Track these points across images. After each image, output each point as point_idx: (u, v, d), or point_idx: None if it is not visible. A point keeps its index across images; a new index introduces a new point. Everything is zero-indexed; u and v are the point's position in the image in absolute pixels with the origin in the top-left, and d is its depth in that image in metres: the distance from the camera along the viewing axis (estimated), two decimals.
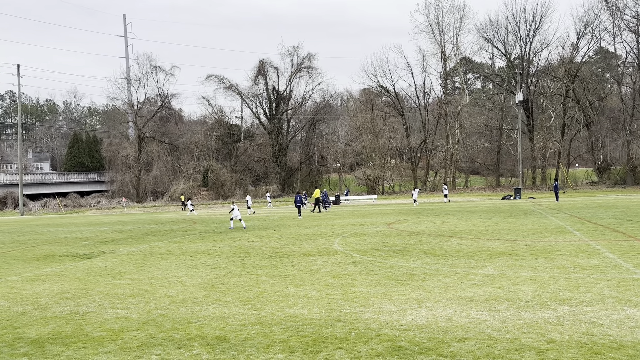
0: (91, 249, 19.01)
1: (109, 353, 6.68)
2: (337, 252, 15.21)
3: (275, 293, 9.85)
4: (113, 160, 75.98)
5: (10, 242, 23.16)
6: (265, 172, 75.16)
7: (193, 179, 71.56)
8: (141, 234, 24.42)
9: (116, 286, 11.27)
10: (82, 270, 13.85)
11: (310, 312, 8.27)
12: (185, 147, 75.79)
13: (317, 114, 75.45)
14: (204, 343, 6.95)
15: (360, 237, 18.83)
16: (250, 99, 76.11)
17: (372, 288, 9.91)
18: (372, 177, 67.72)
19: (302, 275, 11.63)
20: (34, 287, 11.54)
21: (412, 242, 16.87)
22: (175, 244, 19.53)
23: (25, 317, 8.77)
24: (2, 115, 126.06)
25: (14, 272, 14.09)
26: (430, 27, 68.33)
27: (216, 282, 11.27)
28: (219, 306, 8.99)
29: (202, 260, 14.63)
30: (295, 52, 73.64)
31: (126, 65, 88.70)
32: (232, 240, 19.86)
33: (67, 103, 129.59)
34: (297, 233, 21.50)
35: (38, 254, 18.20)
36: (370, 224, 24.36)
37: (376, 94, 74.30)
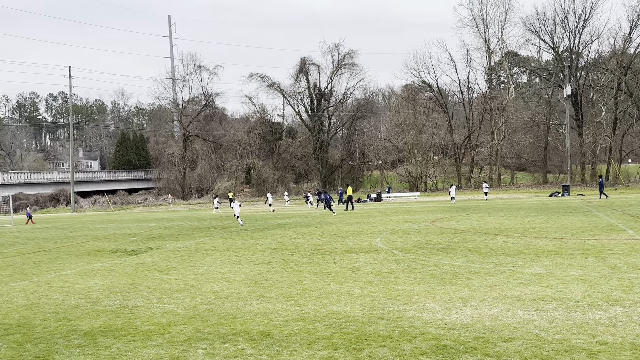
0: (139, 244, 19.55)
1: (157, 346, 6.86)
2: (379, 249, 15.15)
3: (317, 290, 9.89)
4: (159, 158, 77.88)
5: (63, 238, 24.06)
6: (306, 170, 75.48)
7: (236, 176, 72.56)
8: (187, 231, 24.95)
9: (163, 281, 11.56)
10: (130, 265, 14.27)
11: (353, 310, 8.27)
12: (229, 145, 76.90)
13: (358, 111, 75.20)
14: (248, 338, 7.05)
15: (403, 235, 18.68)
16: (292, 96, 76.56)
17: (415, 286, 9.83)
18: (414, 174, 67.03)
19: (345, 272, 11.63)
20: (86, 282, 11.96)
21: (456, 240, 16.62)
22: (219, 240, 19.86)
23: (78, 310, 9.10)
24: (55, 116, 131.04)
25: (67, 266, 14.64)
26: (474, 20, 67.03)
27: (259, 278, 11.40)
28: (262, 302, 9.10)
29: (246, 257, 14.83)
30: (337, 49, 73.62)
31: (171, 65, 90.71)
32: (275, 237, 20.05)
33: (115, 103, 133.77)
34: (338, 230, 21.52)
35: (89, 249, 18.85)
36: (413, 222, 24.14)
37: (419, 89, 73.44)
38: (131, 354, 6.61)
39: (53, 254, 17.95)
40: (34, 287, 11.57)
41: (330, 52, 74.07)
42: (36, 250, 19.43)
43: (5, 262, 16.29)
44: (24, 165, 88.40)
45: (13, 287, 11.62)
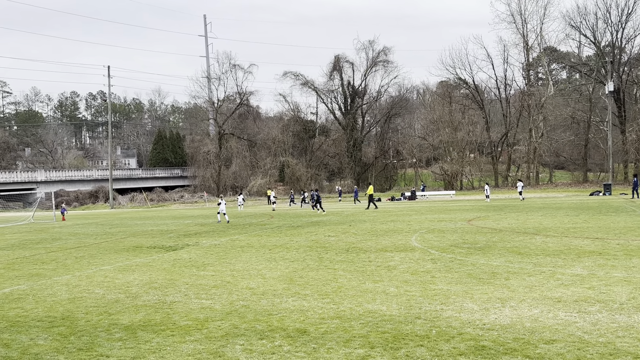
0: (176, 241, 19.88)
1: (195, 341, 6.96)
2: (414, 248, 15.01)
3: (353, 288, 9.86)
4: (195, 156, 79.04)
5: (102, 234, 24.67)
6: (339, 168, 75.42)
7: (270, 174, 73.05)
8: (222, 228, 25.25)
9: (200, 277, 11.72)
10: (168, 261, 14.52)
11: (389, 308, 8.22)
12: (263, 143, 77.48)
13: (392, 108, 74.70)
14: (285, 335, 7.08)
15: (439, 234, 18.47)
16: (326, 94, 76.61)
17: (452, 286, 9.70)
18: (449, 172, 66.21)
19: (380, 271, 11.57)
20: (125, 277, 12.22)
21: (494, 239, 16.34)
22: (254, 237, 20.03)
23: (119, 305, 9.31)
24: (94, 114, 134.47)
25: (106, 262, 15.00)
26: (512, 16, 65.72)
27: (295, 275, 11.44)
28: (298, 299, 9.13)
29: (281, 254, 14.91)
30: (371, 46, 73.29)
31: (207, 64, 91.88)
32: (309, 234, 20.10)
33: (152, 102, 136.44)
34: (373, 228, 21.42)
35: (127, 245, 19.27)
36: (449, 221, 23.84)
37: (454, 86, 72.46)
38: (170, 348, 6.72)
39: (93, 249, 18.43)
40: (76, 281, 11.89)
41: (365, 49, 73.82)
42: (77, 245, 19.98)
43: (49, 256, 16.81)
44: (64, 163, 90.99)
45: (57, 281, 11.97)
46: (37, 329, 7.87)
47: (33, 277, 12.78)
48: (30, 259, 16.25)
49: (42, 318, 8.54)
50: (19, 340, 7.33)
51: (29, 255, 17.27)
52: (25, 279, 12.55)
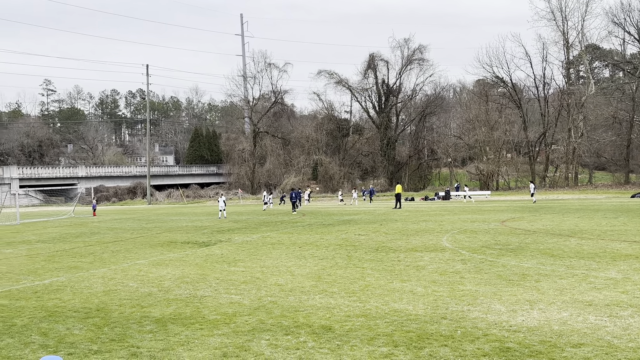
0: (209, 237, 20.25)
1: (222, 335, 7.13)
2: (445, 248, 14.91)
3: (380, 287, 9.89)
4: (230, 153, 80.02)
5: (139, 229, 25.30)
6: (373, 166, 75.13)
7: (303, 172, 73.34)
8: (254, 225, 25.56)
9: (231, 273, 11.94)
10: (200, 257, 14.82)
11: (415, 308, 8.22)
12: (297, 142, 77.84)
13: (427, 107, 73.97)
14: (310, 331, 7.18)
15: (471, 234, 18.27)
16: (360, 93, 76.40)
17: (481, 287, 9.62)
18: (485, 172, 65.17)
19: (408, 270, 11.55)
20: (159, 271, 12.55)
21: (527, 241, 16.08)
22: (285, 234, 20.22)
23: (151, 298, 9.58)
24: (133, 112, 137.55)
25: (142, 256, 15.41)
26: (552, 13, 64.12)
27: (323, 273, 11.54)
28: (325, 296, 9.22)
29: (310, 252, 15.03)
30: (406, 44, 72.70)
31: (243, 63, 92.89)
32: (339, 233, 20.16)
33: (189, 100, 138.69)
34: (404, 228, 21.34)
35: (162, 240, 19.73)
36: (482, 221, 23.53)
37: (491, 85, 71.20)
38: (198, 341, 6.90)
39: (129, 243, 18.94)
40: (111, 274, 12.28)
41: (400, 47, 73.22)
42: (114, 240, 20.56)
43: (87, 250, 17.36)
44: (104, 159, 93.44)
45: (93, 274, 12.38)
46: (73, 319, 8.19)
47: (71, 269, 13.25)
48: (70, 252, 16.82)
49: (78, 309, 8.87)
50: (56, 330, 7.64)
51: (69, 249, 17.88)
52: (64, 271, 13.02)
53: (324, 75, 76.40)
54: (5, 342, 7.16)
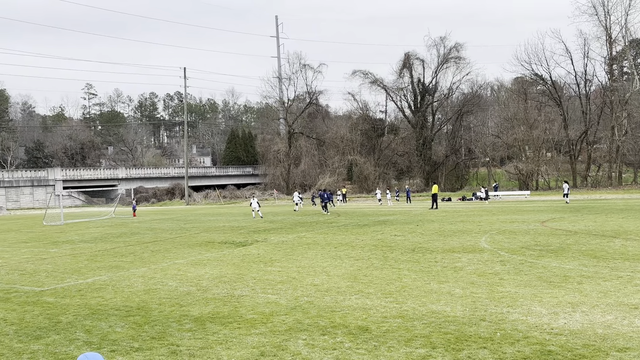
0: (246, 237, 20.46)
1: (260, 334, 7.19)
2: (483, 249, 14.67)
3: (417, 288, 9.80)
4: (266, 154, 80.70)
5: (177, 229, 25.76)
6: (408, 166, 74.52)
7: (338, 172, 73.32)
8: (290, 225, 25.70)
9: (267, 272, 12.03)
10: (237, 256, 14.99)
11: (453, 310, 8.12)
12: (331, 142, 77.88)
13: (464, 106, 72.90)
14: (346, 332, 7.17)
15: (510, 235, 17.92)
16: (395, 92, 75.90)
17: (520, 289, 9.43)
18: (524, 172, 63.81)
19: (446, 271, 11.41)
20: (197, 270, 12.75)
21: (568, 242, 15.66)
22: (320, 235, 20.26)
23: (190, 297, 9.74)
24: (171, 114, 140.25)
25: (180, 256, 15.68)
26: (594, 8, 62.24)
27: (359, 273, 11.51)
28: (361, 297, 9.19)
29: (346, 252, 15.01)
30: (442, 42, 71.86)
31: (278, 65, 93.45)
32: (375, 233, 20.07)
33: (225, 102, 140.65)
34: (441, 229, 21.09)
35: (200, 240, 20.04)
36: (522, 222, 23.05)
37: (530, 82, 69.66)
38: (236, 340, 6.98)
39: (168, 243, 19.30)
40: (151, 273, 12.54)
41: (436, 46, 72.42)
42: (154, 240, 20.99)
43: (128, 249, 17.78)
44: (144, 161, 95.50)
45: (134, 273, 12.67)
46: (115, 317, 8.40)
47: (113, 268, 13.59)
48: (111, 252, 17.26)
49: (120, 307, 9.09)
50: (99, 327, 7.86)
51: (110, 248, 18.35)
52: (105, 270, 13.37)
53: (358, 75, 76.26)
54: (52, 338, 7.40)
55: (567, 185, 40.04)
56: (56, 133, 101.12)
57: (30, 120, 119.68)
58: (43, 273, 13.17)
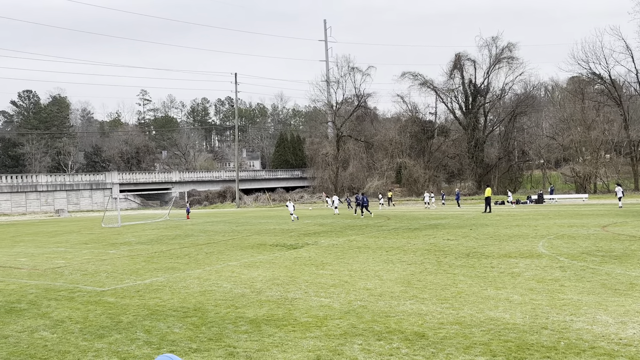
0: (296, 240, 20.56)
1: (315, 338, 7.18)
2: (541, 255, 14.19)
3: (473, 294, 9.57)
4: (314, 158, 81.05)
5: (229, 232, 26.18)
6: (460, 169, 73.16)
7: (387, 175, 72.80)
8: (340, 228, 25.66)
9: (319, 276, 12.04)
10: (289, 259, 15.08)
11: (512, 317, 7.87)
12: (380, 145, 77.41)
13: (517, 107, 70.97)
14: (402, 337, 7.07)
15: (569, 240, 17.28)
16: (445, 94, 74.74)
17: (583, 296, 9.05)
18: (581, 174, 61.50)
19: (503, 277, 11.10)
20: (250, 272, 12.89)
21: (633, 247, 14.95)
22: (371, 238, 20.12)
23: (244, 299, 9.85)
24: (222, 119, 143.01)
25: (233, 258, 15.91)
26: None
27: (412, 278, 11.35)
28: (416, 302, 9.05)
29: (398, 256, 14.84)
30: (494, 42, 70.25)
31: (326, 68, 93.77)
32: (427, 237, 19.78)
33: (274, 106, 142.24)
34: (495, 233, 20.57)
35: (252, 242, 20.28)
36: (581, 226, 22.19)
37: (587, 82, 67.12)
38: (292, 343, 6.99)
39: (221, 245, 19.63)
40: (206, 275, 12.77)
41: (487, 46, 70.85)
42: (207, 242, 21.40)
43: (182, 251, 18.20)
44: (196, 165, 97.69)
45: (189, 275, 12.94)
46: (173, 318, 8.58)
47: (169, 270, 13.93)
48: (167, 253, 17.70)
49: (177, 308, 9.29)
50: (158, 328, 8.05)
51: (165, 250, 18.82)
52: (162, 271, 13.71)
53: (407, 77, 75.53)
54: (114, 337, 7.63)
55: (621, 188, 37.51)
56: (113, 138, 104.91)
57: (89, 126, 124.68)
58: (103, 274, 13.64)
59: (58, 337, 7.73)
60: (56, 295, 10.84)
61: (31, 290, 11.51)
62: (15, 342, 7.58)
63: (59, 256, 17.97)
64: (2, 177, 65.30)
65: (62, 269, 14.83)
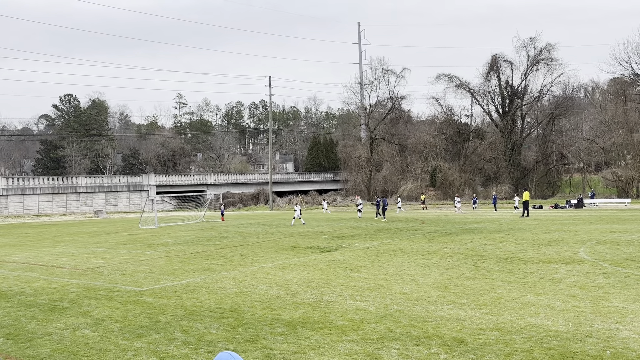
0: (330, 242, 20.53)
1: (352, 342, 7.12)
2: (583, 260, 13.79)
3: (513, 300, 9.35)
4: (347, 160, 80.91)
5: (263, 234, 26.33)
6: (496, 172, 71.88)
7: (421, 178, 72.14)
8: (374, 231, 25.51)
9: (354, 279, 11.97)
10: (323, 262, 15.05)
11: (554, 324, 7.65)
12: (414, 147, 76.78)
13: (556, 109, 69.36)
14: (441, 343, 6.95)
15: (612, 246, 16.75)
16: (481, 96, 73.62)
17: (629, 304, 8.74)
18: (623, 178, 59.65)
19: (543, 283, 10.82)
20: (285, 275, 12.92)
21: None
22: (406, 242, 19.93)
23: (280, 301, 9.86)
24: (256, 122, 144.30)
25: (268, 260, 15.98)
26: None
27: (449, 283, 11.17)
28: (454, 307, 8.90)
29: (434, 260, 14.65)
30: (532, 43, 68.86)
31: (359, 71, 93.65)
32: (463, 241, 19.47)
33: (307, 109, 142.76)
34: (534, 237, 20.10)
35: (286, 244, 20.34)
36: (624, 232, 21.49)
37: (630, 83, 65.13)
38: (328, 346, 6.95)
39: (256, 247, 19.75)
40: (242, 276, 12.85)
41: (525, 47, 69.49)
42: (242, 243, 21.57)
43: (218, 253, 18.38)
44: (230, 167, 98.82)
45: (225, 276, 13.05)
46: (210, 319, 8.65)
47: (205, 271, 14.08)
48: (202, 255, 17.91)
49: (214, 309, 9.37)
50: (196, 328, 8.12)
51: (201, 251, 19.05)
52: (198, 272, 13.87)
53: (442, 79, 74.73)
54: (153, 337, 7.74)
55: None
56: (149, 141, 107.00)
57: (126, 129, 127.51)
58: (141, 274, 13.88)
59: (99, 336, 7.88)
60: (96, 295, 11.08)
61: (72, 289, 11.79)
62: (59, 340, 7.77)
63: (98, 256, 18.39)
64: (44, 178, 67.34)
65: (102, 268, 15.16)
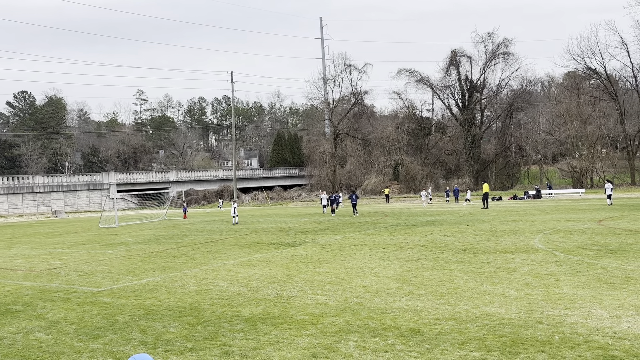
0: (294, 238, 20.57)
1: (310, 336, 7.18)
2: (537, 250, 14.22)
3: (469, 290, 9.59)
4: (311, 156, 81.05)
5: (227, 231, 26.17)
6: (457, 165, 73.29)
7: (384, 172, 72.87)
8: (337, 226, 25.67)
9: (316, 273, 12.04)
10: (286, 257, 15.08)
11: (508, 312, 7.89)
12: (377, 142, 77.50)
13: (514, 102, 71.14)
14: (398, 334, 7.08)
15: (565, 235, 17.32)
16: (442, 90, 74.88)
17: (578, 290, 9.07)
18: (578, 169, 61.66)
19: (499, 272, 11.12)
20: (247, 271, 12.89)
21: (629, 241, 14.99)
22: (368, 235, 20.14)
23: (240, 298, 9.85)
24: (219, 118, 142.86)
25: (230, 257, 15.91)
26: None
27: (409, 275, 11.36)
28: (412, 299, 9.06)
29: (395, 253, 14.86)
30: (490, 38, 70.42)
31: (322, 66, 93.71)
32: (424, 234, 19.80)
33: (271, 104, 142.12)
34: (492, 228, 20.60)
35: (249, 241, 20.28)
36: (577, 221, 22.25)
37: (583, 77, 67.26)
38: (287, 341, 6.99)
39: (219, 244, 19.62)
40: (203, 274, 12.76)
41: (483, 42, 71.01)
42: (205, 241, 21.39)
43: (180, 251, 18.18)
44: (193, 164, 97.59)
45: (186, 274, 12.93)
46: (169, 318, 8.58)
47: (165, 269, 13.92)
48: (163, 253, 17.69)
49: (173, 308, 9.28)
50: (154, 327, 8.04)
51: (162, 250, 18.80)
52: (159, 271, 13.70)
53: (404, 74, 75.66)
54: (109, 337, 7.62)
55: (611, 185, 35.27)
56: (110, 138, 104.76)
57: (85, 126, 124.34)
58: (100, 274, 13.62)
59: (53, 338, 7.72)
60: (52, 297, 10.82)
61: (27, 292, 11.49)
62: (10, 344, 7.57)
63: (56, 257, 17.94)
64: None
65: (59, 270, 14.80)
